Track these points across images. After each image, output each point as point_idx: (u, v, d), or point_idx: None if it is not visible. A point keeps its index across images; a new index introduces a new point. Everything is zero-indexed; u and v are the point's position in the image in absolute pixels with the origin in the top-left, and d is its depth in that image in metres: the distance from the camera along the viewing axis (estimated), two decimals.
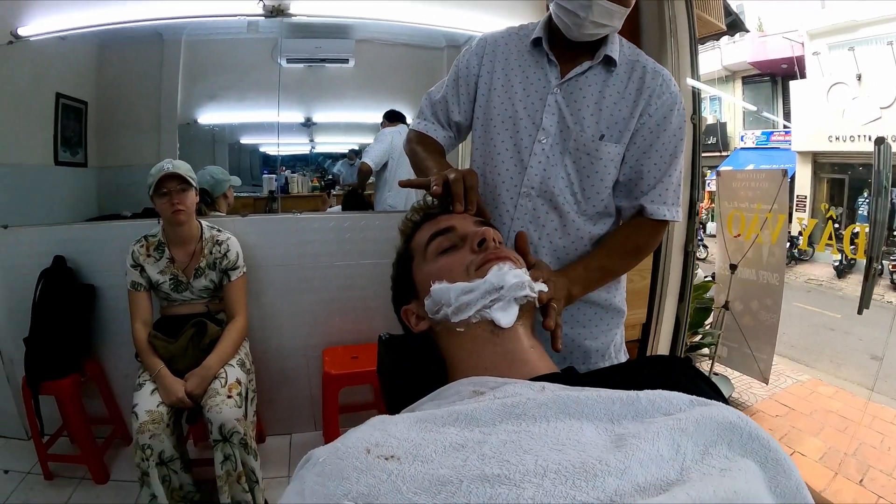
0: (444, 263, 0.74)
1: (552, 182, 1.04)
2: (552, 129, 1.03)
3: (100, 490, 2.03)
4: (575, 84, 1.04)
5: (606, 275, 1.07)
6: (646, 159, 1.04)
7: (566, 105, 1.03)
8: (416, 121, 1.20)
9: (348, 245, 2.29)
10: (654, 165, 1.04)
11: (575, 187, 1.05)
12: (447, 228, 0.78)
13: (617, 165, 1.05)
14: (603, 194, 1.07)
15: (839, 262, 8.77)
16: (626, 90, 1.03)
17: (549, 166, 1.04)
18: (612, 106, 1.02)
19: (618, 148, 1.03)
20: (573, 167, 1.04)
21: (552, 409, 0.49)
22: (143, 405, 1.62)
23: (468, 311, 0.68)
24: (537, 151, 1.04)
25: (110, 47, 2.42)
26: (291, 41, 2.58)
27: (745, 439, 0.45)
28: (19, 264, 2.15)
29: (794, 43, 10.87)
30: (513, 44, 1.11)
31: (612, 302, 1.15)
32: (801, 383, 3.69)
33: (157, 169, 1.75)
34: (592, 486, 0.40)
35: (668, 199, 1.06)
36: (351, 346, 2.33)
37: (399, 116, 2.70)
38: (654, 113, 1.02)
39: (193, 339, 1.78)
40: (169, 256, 1.85)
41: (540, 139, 1.04)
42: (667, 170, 1.04)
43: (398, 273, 0.83)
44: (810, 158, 10.43)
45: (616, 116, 1.02)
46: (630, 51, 1.07)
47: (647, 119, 1.02)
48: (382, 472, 0.43)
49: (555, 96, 1.04)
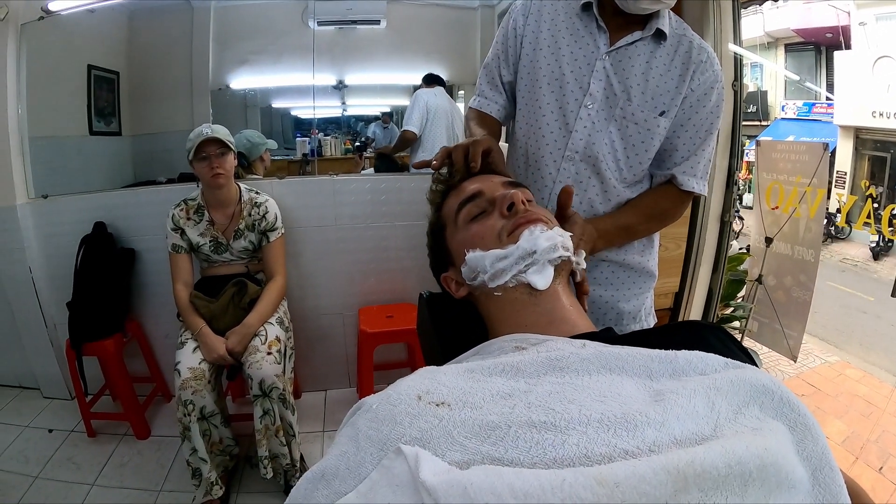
0: (476, 231, 0.74)
1: (597, 148, 1.04)
2: (599, 95, 1.03)
3: (141, 445, 2.13)
4: (624, 53, 1.03)
5: (630, 235, 1.10)
6: (682, 132, 1.05)
7: (614, 73, 1.03)
8: (473, 98, 1.21)
9: (384, 207, 2.32)
10: (690, 139, 1.05)
11: (619, 154, 1.06)
12: (474, 195, 0.77)
13: (662, 137, 1.05)
14: (645, 164, 1.08)
15: (876, 243, 8.45)
16: (673, 63, 1.03)
17: (594, 132, 1.04)
18: (658, 78, 1.02)
19: (667, 121, 1.03)
20: (618, 135, 1.04)
21: (594, 364, 0.51)
22: (185, 363, 1.68)
23: (504, 277, 0.69)
24: (583, 116, 1.04)
25: (139, 17, 2.43)
26: (322, 3, 2.54)
27: (776, 402, 0.46)
28: (60, 232, 2.23)
29: (840, 11, 10.25)
30: (561, 5, 1.09)
31: (645, 266, 1.17)
32: (830, 364, 3.63)
33: (196, 134, 1.77)
34: (633, 435, 0.42)
35: (698, 173, 1.09)
36: (386, 305, 2.39)
37: (437, 79, 2.67)
38: (697, 88, 1.03)
39: (234, 299, 1.84)
40: (209, 219, 1.89)
41: (587, 104, 1.03)
42: (701, 144, 1.06)
43: (433, 242, 0.84)
44: (852, 133, 9.94)
45: (662, 89, 1.02)
46: (677, 24, 1.06)
47: (689, 94, 1.03)
48: (434, 417, 0.45)
49: (603, 63, 1.03)
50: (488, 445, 0.42)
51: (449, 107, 2.69)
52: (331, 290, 2.39)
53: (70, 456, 2.05)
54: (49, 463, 2.00)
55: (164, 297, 2.11)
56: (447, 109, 2.68)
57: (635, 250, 1.15)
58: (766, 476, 0.39)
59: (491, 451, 0.42)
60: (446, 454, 0.42)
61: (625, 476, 0.36)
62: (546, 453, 0.41)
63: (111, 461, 2.02)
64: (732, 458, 0.39)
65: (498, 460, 0.41)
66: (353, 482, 0.43)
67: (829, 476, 0.43)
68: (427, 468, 0.39)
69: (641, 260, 1.16)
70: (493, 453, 0.42)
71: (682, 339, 0.60)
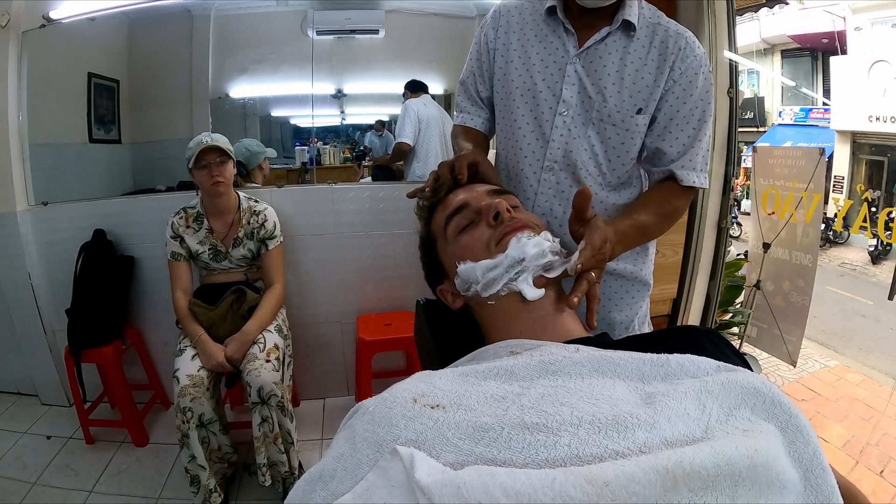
0: (466, 243, 0.75)
1: (575, 155, 1.02)
2: (573, 101, 1.00)
3: (139, 452, 2.12)
4: (594, 52, 0.99)
5: (643, 236, 1.02)
6: (673, 126, 1.01)
7: (587, 75, 0.99)
8: (454, 115, 1.20)
9: (382, 215, 2.33)
10: (682, 132, 1.01)
11: (600, 158, 1.03)
12: (460, 207, 0.78)
13: (643, 136, 1.02)
14: (628, 165, 1.05)
15: (874, 247, 8.46)
16: (649, 56, 0.98)
17: (570, 139, 1.02)
18: (634, 74, 0.98)
19: (645, 118, 1.00)
20: (597, 138, 1.02)
21: (586, 368, 0.52)
22: (184, 370, 1.68)
23: (496, 286, 0.70)
24: (559, 124, 1.02)
25: (140, 26, 2.44)
26: (321, 13, 2.56)
27: (767, 404, 0.46)
28: (60, 239, 2.23)
29: (836, 17, 10.31)
30: (527, 13, 1.07)
31: (638, 275, 1.14)
32: (829, 369, 3.62)
33: (196, 142, 1.78)
34: (623, 437, 0.42)
35: (697, 165, 1.03)
36: (384, 313, 2.39)
37: (422, 86, 2.69)
38: (679, 78, 0.98)
39: (233, 306, 1.84)
40: (208, 227, 1.90)
41: (561, 111, 1.01)
42: (695, 136, 1.01)
43: (426, 256, 0.85)
44: (849, 138, 9.98)
45: (640, 85, 0.98)
46: (650, 13, 1.02)
47: (672, 85, 0.98)
48: (429, 419, 0.46)
49: (574, 66, 1.00)
50: (482, 446, 0.43)
51: (439, 114, 2.71)
52: (329, 298, 2.40)
53: (68, 463, 2.04)
54: (47, 470, 1.99)
55: (163, 304, 2.12)
56: (437, 117, 2.70)
57: (628, 259, 1.11)
58: (756, 476, 0.40)
59: (484, 452, 0.43)
60: (441, 455, 0.43)
61: (614, 476, 0.37)
62: (538, 454, 0.42)
63: (109, 468, 2.01)
64: (722, 459, 0.39)
65: (491, 461, 0.42)
66: (349, 483, 0.44)
67: (821, 477, 0.44)
68: (422, 469, 0.40)
69: (634, 269, 1.13)
70: (486, 454, 0.43)
71: (677, 344, 0.60)
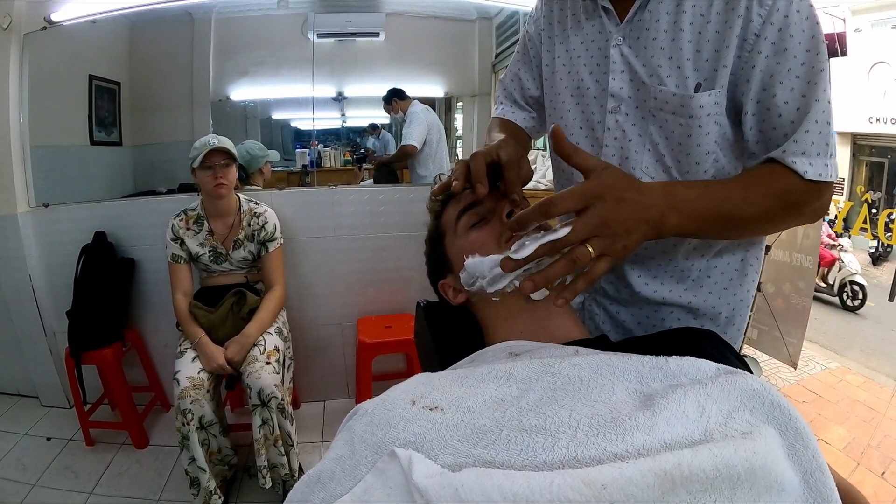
0: (476, 238, 0.74)
1: (635, 160, 0.80)
2: (623, 93, 0.80)
3: (140, 454, 2.12)
4: (639, 25, 0.77)
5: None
6: (767, 97, 0.71)
7: (635, 56, 0.78)
8: (494, 107, 1.08)
9: (383, 217, 2.34)
10: (785, 104, 0.69)
11: (667, 160, 0.79)
12: (474, 203, 0.77)
13: (718, 119, 0.75)
14: (705, 162, 0.77)
15: (875, 248, 8.47)
16: (711, 11, 0.71)
17: (626, 142, 0.81)
18: (697, 38, 0.73)
19: (711, 96, 0.73)
20: (660, 134, 0.78)
21: (585, 370, 0.52)
22: (184, 372, 1.69)
23: (503, 282, 0.68)
24: (611, 125, 0.82)
25: (141, 29, 2.45)
26: (322, 16, 2.57)
27: (767, 407, 0.46)
28: (60, 241, 2.25)
29: (836, 18, 10.32)
30: None
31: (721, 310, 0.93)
32: (830, 370, 3.61)
33: (203, 143, 1.79)
34: (622, 439, 0.42)
35: (810, 149, 0.69)
36: (385, 315, 2.40)
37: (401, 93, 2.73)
38: (763, 29, 0.69)
39: (233, 309, 1.84)
40: (208, 229, 1.90)
41: (611, 108, 0.81)
42: (805, 105, 0.69)
43: (432, 250, 0.84)
44: (849, 140, 9.98)
45: (704, 52, 0.73)
46: None
47: (755, 41, 0.69)
48: (427, 421, 0.46)
49: (619, 48, 0.79)
50: (480, 448, 0.43)
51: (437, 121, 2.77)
52: (330, 301, 2.41)
53: (68, 464, 2.05)
54: (47, 471, 1.99)
55: (163, 306, 2.12)
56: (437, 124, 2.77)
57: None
58: (754, 479, 0.40)
59: (482, 454, 0.43)
60: (439, 457, 0.43)
61: (612, 478, 0.37)
62: (536, 456, 0.42)
63: (109, 470, 2.02)
64: (720, 461, 0.39)
65: (489, 463, 0.42)
66: (348, 484, 0.44)
67: (821, 480, 0.44)
68: (420, 470, 0.40)
69: (719, 303, 0.87)
70: (484, 456, 0.43)
71: (676, 346, 0.60)
